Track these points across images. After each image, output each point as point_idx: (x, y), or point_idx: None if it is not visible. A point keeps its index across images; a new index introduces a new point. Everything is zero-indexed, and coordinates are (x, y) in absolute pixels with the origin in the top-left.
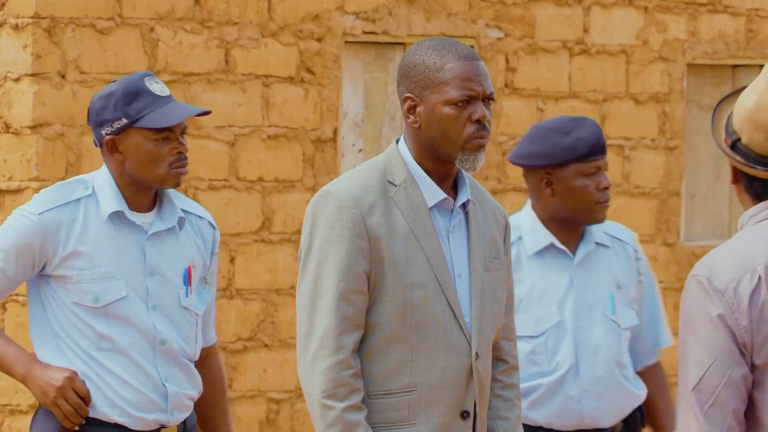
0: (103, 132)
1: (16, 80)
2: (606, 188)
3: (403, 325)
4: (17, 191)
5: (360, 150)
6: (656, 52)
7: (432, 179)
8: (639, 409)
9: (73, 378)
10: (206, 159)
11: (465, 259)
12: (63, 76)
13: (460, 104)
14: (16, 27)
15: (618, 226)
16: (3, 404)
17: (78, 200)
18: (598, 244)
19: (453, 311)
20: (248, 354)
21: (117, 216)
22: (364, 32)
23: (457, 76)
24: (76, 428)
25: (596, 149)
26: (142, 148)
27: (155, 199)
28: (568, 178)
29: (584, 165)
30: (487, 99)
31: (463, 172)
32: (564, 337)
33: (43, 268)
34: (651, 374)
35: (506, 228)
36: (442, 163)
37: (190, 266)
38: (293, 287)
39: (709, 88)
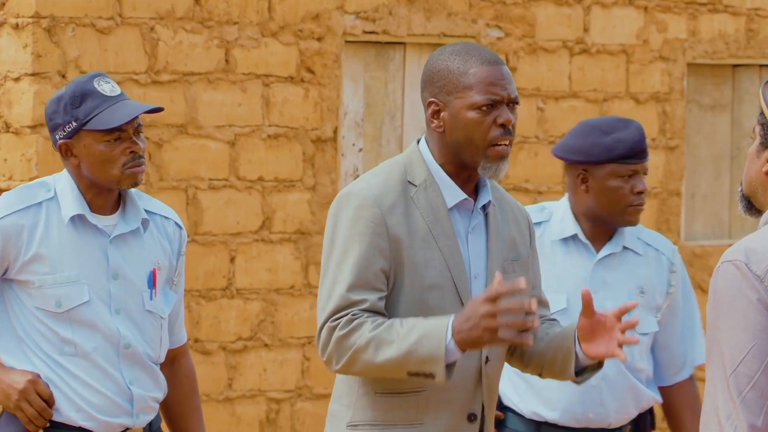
0: (57, 136)
1: (16, 80)
2: (641, 192)
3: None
4: None
5: (360, 150)
6: (656, 51)
7: (453, 181)
8: (650, 412)
9: (35, 381)
10: (206, 159)
11: (483, 261)
12: (63, 76)
13: (484, 108)
14: (16, 27)
15: (658, 237)
16: None
17: (39, 204)
18: (625, 248)
19: None
20: (248, 354)
21: (79, 219)
22: (364, 32)
23: (481, 81)
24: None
25: (635, 152)
26: (94, 150)
27: (119, 201)
28: (603, 178)
29: (621, 166)
30: (512, 103)
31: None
32: None
33: (6, 272)
34: (682, 391)
35: (529, 227)
36: (464, 167)
37: (154, 269)
38: (293, 287)
39: (709, 88)
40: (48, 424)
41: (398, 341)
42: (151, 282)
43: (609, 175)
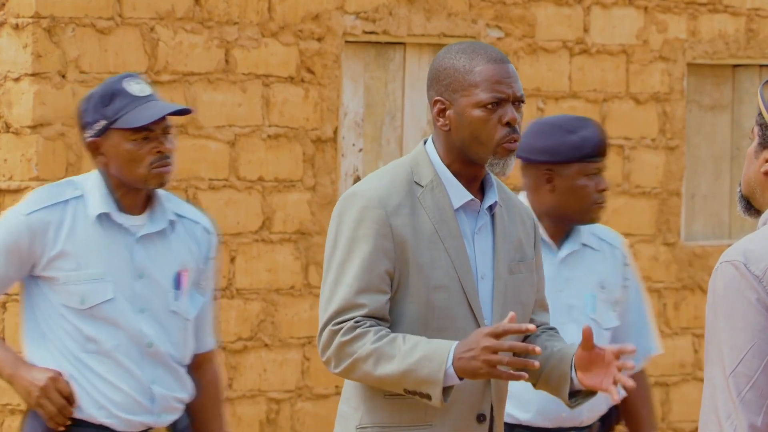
0: (86, 135)
1: (16, 80)
2: (604, 190)
3: (425, 326)
4: (17, 191)
5: (360, 150)
6: (656, 51)
7: (459, 181)
8: (615, 407)
9: (56, 378)
10: (206, 159)
11: (489, 262)
12: (63, 76)
13: (489, 107)
14: (16, 27)
15: (609, 231)
16: (3, 404)
17: (67, 201)
18: (584, 245)
19: (474, 314)
20: (248, 354)
21: (105, 218)
22: (365, 32)
23: (487, 79)
24: (61, 429)
25: (600, 150)
26: (122, 149)
27: (148, 201)
28: (571, 177)
29: (587, 165)
30: (518, 101)
31: (491, 174)
32: None
33: (33, 268)
34: (636, 383)
35: (535, 229)
36: (471, 166)
37: (180, 270)
38: (293, 287)
39: (709, 88)
40: (69, 422)
41: (399, 358)
42: (177, 283)
43: (576, 173)
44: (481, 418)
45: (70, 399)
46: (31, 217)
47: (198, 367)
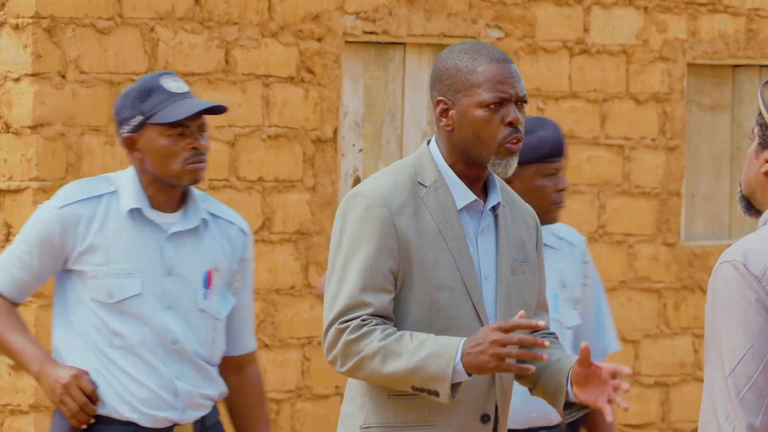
0: (122, 130)
1: (16, 80)
2: (562, 190)
3: (429, 326)
4: (17, 191)
5: (360, 150)
6: (656, 52)
7: (462, 181)
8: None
9: (79, 376)
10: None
11: (492, 262)
12: (63, 76)
13: (492, 107)
14: (16, 27)
15: (568, 229)
16: (3, 404)
17: (100, 196)
18: (544, 245)
19: (478, 314)
20: None
21: (138, 214)
22: (364, 32)
23: (489, 79)
24: (84, 426)
25: (558, 150)
26: (157, 144)
27: (182, 200)
28: (529, 178)
29: (545, 165)
30: (520, 101)
31: (494, 175)
32: None
33: (66, 262)
34: None
35: (537, 230)
36: (474, 166)
37: (211, 269)
38: (293, 287)
39: (709, 88)
40: (91, 420)
41: (407, 355)
42: (206, 282)
43: (534, 174)
44: (485, 418)
45: (92, 397)
46: (64, 210)
47: (239, 369)
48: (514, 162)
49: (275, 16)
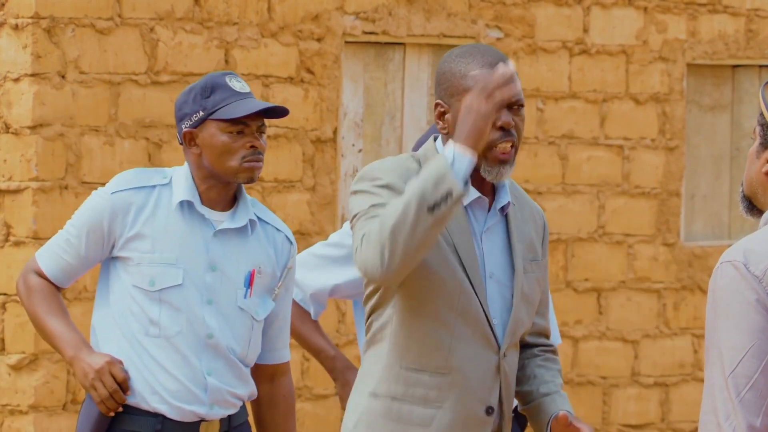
0: (183, 126)
1: (16, 80)
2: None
3: (450, 307)
4: (17, 191)
5: (360, 150)
6: (656, 52)
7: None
8: None
9: (112, 363)
10: None
11: (498, 261)
12: (63, 76)
13: None
14: (16, 27)
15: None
16: (3, 404)
17: (153, 187)
18: None
19: (484, 310)
20: None
21: (188, 207)
22: (364, 32)
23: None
24: (112, 414)
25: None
26: (217, 140)
27: (233, 201)
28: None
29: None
30: (515, 105)
31: None
32: None
33: (112, 249)
34: None
35: (544, 229)
36: (474, 168)
37: (254, 270)
38: None
39: (709, 88)
40: (120, 407)
41: (408, 192)
42: (248, 281)
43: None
44: (489, 410)
45: (123, 385)
46: (115, 196)
47: (272, 378)
48: (506, 169)
49: (275, 16)
